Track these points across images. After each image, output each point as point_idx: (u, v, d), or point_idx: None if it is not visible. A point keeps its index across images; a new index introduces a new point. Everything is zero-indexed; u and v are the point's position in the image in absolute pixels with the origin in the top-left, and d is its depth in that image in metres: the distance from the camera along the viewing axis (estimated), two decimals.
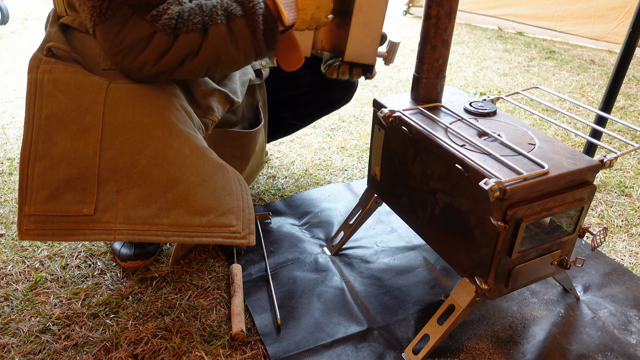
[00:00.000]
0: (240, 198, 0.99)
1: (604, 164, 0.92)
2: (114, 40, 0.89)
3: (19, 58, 2.95)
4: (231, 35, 0.93)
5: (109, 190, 0.91)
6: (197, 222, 0.93)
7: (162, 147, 0.93)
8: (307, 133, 2.09)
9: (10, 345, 1.08)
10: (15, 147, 1.89)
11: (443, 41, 1.02)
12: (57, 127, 0.91)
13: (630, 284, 1.28)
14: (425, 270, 1.31)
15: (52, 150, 0.90)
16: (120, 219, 0.90)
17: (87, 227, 0.90)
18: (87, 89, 0.93)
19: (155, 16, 0.88)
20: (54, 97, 0.92)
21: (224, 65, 0.97)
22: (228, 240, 0.95)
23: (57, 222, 0.89)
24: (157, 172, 0.92)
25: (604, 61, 3.15)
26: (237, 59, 0.97)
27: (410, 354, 1.06)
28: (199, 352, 1.07)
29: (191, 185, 0.93)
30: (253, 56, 0.97)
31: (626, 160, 1.90)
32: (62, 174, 0.90)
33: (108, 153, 0.91)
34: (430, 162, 1.01)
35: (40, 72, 0.93)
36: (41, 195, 0.89)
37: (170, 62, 0.92)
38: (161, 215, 0.91)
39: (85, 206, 0.90)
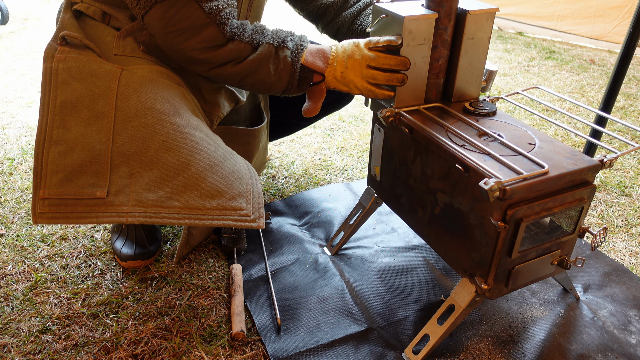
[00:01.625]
0: (250, 182, 1.02)
1: (604, 164, 0.92)
2: (170, 20, 0.94)
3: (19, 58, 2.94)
4: (275, 58, 1.03)
5: (121, 174, 0.93)
6: (207, 205, 0.95)
7: (173, 131, 0.96)
8: (307, 133, 2.09)
9: (10, 345, 1.08)
10: (16, 147, 1.89)
11: (443, 41, 1.02)
12: (71, 113, 0.94)
13: (630, 284, 1.28)
14: (425, 270, 1.31)
15: (66, 136, 0.93)
16: (132, 201, 0.93)
17: (99, 209, 0.92)
18: (100, 76, 0.97)
19: (213, 9, 0.95)
20: (68, 85, 0.95)
21: (257, 82, 1.05)
22: (238, 223, 0.97)
23: (71, 205, 0.92)
24: (169, 156, 0.95)
25: (604, 61, 3.15)
26: (270, 80, 1.04)
27: (410, 354, 1.06)
28: (199, 352, 1.07)
29: (202, 169, 0.96)
30: (285, 84, 1.06)
31: (626, 160, 1.90)
32: (75, 159, 0.92)
33: (120, 138, 0.94)
34: (430, 162, 1.01)
35: (55, 61, 0.97)
36: (55, 179, 0.91)
37: (215, 59, 1.00)
38: (172, 198, 0.94)
39: (98, 189, 0.92)
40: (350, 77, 1.03)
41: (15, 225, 1.46)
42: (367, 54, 1.01)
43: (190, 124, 1.00)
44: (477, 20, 1.01)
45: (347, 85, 1.05)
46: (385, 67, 1.00)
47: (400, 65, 1.00)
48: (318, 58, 1.05)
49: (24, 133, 2.02)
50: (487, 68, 1.13)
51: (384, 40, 1.00)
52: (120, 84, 0.97)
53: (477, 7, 1.01)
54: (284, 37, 1.04)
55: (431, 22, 0.98)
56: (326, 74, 1.06)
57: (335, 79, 1.06)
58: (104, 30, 1.04)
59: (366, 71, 1.02)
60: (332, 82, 1.07)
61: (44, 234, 1.42)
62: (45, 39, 3.35)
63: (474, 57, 1.06)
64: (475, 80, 1.10)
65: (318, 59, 1.05)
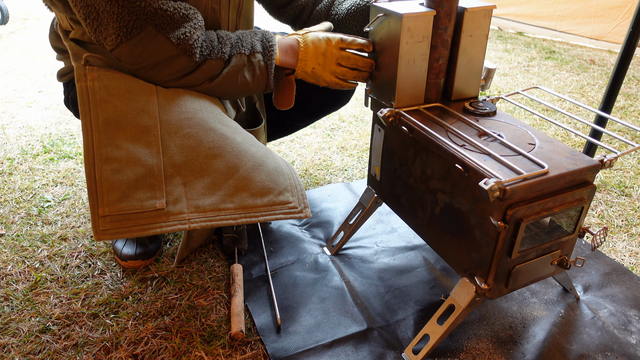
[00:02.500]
0: (292, 177, 1.08)
1: (604, 164, 0.92)
2: (139, 57, 0.97)
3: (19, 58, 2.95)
4: (249, 65, 1.05)
5: (176, 184, 0.98)
6: (259, 203, 1.02)
7: (217, 138, 1.01)
8: (307, 133, 2.09)
9: (10, 345, 1.08)
10: (16, 147, 1.90)
11: (443, 41, 1.02)
12: (116, 130, 0.96)
13: (630, 284, 1.28)
14: (425, 270, 1.31)
15: (115, 153, 0.96)
16: (190, 209, 0.97)
17: (161, 220, 0.96)
18: (138, 92, 0.99)
19: (181, 39, 0.96)
20: (108, 103, 0.97)
21: (237, 92, 1.08)
22: (289, 215, 1.04)
23: (133, 219, 0.95)
24: (217, 162, 1.00)
25: (604, 61, 3.15)
26: (250, 87, 1.07)
27: (410, 354, 1.06)
28: (199, 352, 1.07)
29: (249, 170, 1.02)
30: (263, 87, 1.09)
31: (626, 160, 1.90)
32: (130, 174, 0.95)
33: (169, 150, 0.98)
34: (430, 162, 1.01)
35: (90, 80, 0.97)
36: (113, 196, 0.94)
37: (191, 82, 1.02)
38: (227, 201, 0.99)
39: (157, 201, 0.96)
40: (320, 73, 1.09)
41: (15, 225, 1.46)
42: (340, 53, 1.08)
43: (231, 129, 1.05)
44: (475, 18, 1.02)
45: (315, 79, 1.11)
46: (354, 67, 1.09)
47: (367, 67, 1.09)
48: (289, 56, 1.08)
49: (24, 133, 2.02)
50: (486, 66, 1.13)
51: (358, 43, 1.08)
52: (159, 97, 1.00)
53: (475, 5, 1.01)
54: (251, 41, 1.06)
55: (429, 19, 0.98)
56: (296, 68, 1.10)
57: (305, 73, 1.11)
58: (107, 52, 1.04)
59: (337, 68, 1.09)
60: (300, 75, 1.12)
61: (44, 234, 1.42)
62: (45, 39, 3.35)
63: (473, 55, 1.06)
64: (474, 78, 1.10)
65: (289, 56, 1.08)
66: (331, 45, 1.07)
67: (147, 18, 0.92)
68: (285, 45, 1.09)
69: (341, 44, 1.08)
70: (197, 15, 1.00)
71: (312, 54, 1.08)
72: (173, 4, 0.95)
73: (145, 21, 0.92)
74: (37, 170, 1.74)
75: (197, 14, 1.00)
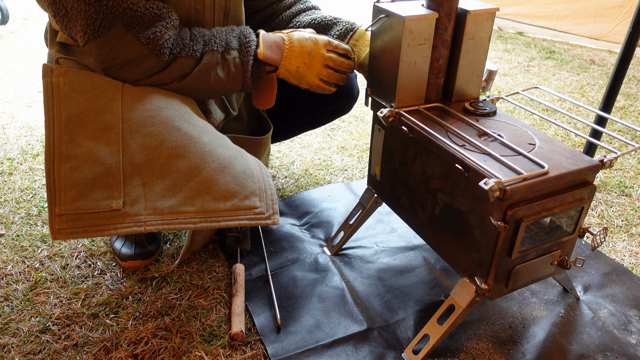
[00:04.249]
0: (262, 180, 1.03)
1: (604, 164, 0.92)
2: (107, 55, 0.94)
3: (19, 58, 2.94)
4: (223, 63, 1.02)
5: (135, 184, 0.95)
6: (222, 207, 0.97)
7: (181, 137, 0.97)
8: (307, 133, 2.09)
9: (10, 345, 1.08)
10: (16, 147, 1.89)
11: (443, 41, 1.02)
12: (78, 128, 0.94)
13: (630, 284, 1.28)
14: (425, 270, 1.31)
15: (75, 151, 0.93)
16: (148, 210, 0.94)
17: (117, 221, 0.93)
18: (103, 88, 0.97)
19: (151, 39, 0.94)
20: (71, 99, 0.95)
21: (212, 89, 1.04)
22: (253, 221, 0.99)
23: (88, 219, 0.93)
24: (179, 162, 0.96)
25: (604, 61, 3.15)
26: (224, 85, 1.04)
27: (410, 354, 1.06)
28: (199, 352, 1.07)
29: (213, 172, 0.97)
30: (239, 86, 1.06)
31: (626, 160, 1.90)
32: (88, 173, 0.93)
33: (130, 148, 0.95)
34: (430, 162, 1.01)
35: (55, 76, 0.96)
36: (70, 194, 0.92)
37: (161, 80, 0.99)
38: (187, 204, 0.95)
39: (113, 201, 0.93)
40: (304, 73, 1.08)
41: (15, 225, 1.46)
42: (327, 54, 1.08)
43: (197, 128, 1.01)
44: (478, 20, 1.01)
45: (299, 79, 1.09)
46: (340, 69, 1.10)
47: (349, 69, 1.12)
48: (274, 51, 1.06)
49: (24, 133, 2.01)
50: (487, 68, 1.13)
51: (343, 47, 1.10)
52: (124, 94, 0.97)
53: (478, 7, 1.01)
54: (226, 38, 1.03)
55: (432, 22, 0.98)
56: (280, 66, 1.06)
57: (288, 72, 1.08)
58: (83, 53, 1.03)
59: (323, 70, 1.08)
60: (283, 74, 1.09)
61: (44, 234, 1.42)
62: None
63: (474, 57, 1.06)
64: (475, 80, 1.10)
65: (274, 52, 1.06)
66: (318, 46, 1.07)
67: (116, 17, 0.91)
68: (270, 40, 1.06)
69: (328, 46, 1.08)
70: (170, 14, 0.98)
71: (298, 53, 1.06)
72: (145, 4, 0.93)
73: (114, 20, 0.90)
74: (37, 170, 1.74)
75: (171, 12, 0.98)
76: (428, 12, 0.97)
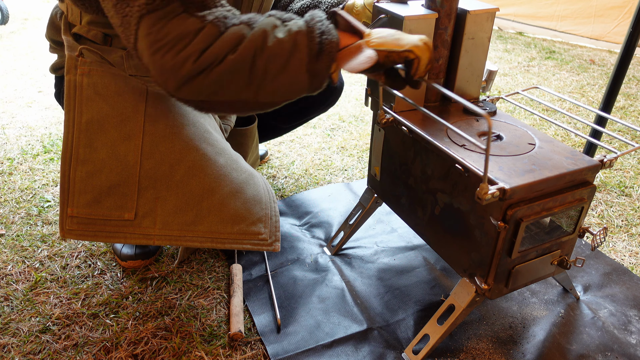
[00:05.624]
0: (269, 206, 1.05)
1: (604, 164, 0.92)
2: (159, 33, 0.79)
3: (19, 58, 2.94)
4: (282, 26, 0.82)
5: (149, 197, 0.95)
6: (229, 230, 0.99)
7: (199, 158, 0.98)
8: (307, 133, 2.09)
9: (10, 345, 1.08)
10: (16, 147, 1.89)
11: (443, 41, 1.02)
12: (98, 132, 0.94)
13: (630, 284, 1.28)
14: (425, 270, 1.31)
15: (93, 156, 0.94)
16: (159, 224, 0.96)
17: (127, 230, 0.95)
18: (127, 96, 0.96)
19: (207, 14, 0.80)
20: (94, 102, 0.95)
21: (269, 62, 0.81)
22: (256, 247, 1.01)
23: (99, 225, 0.94)
24: (194, 182, 0.97)
25: (604, 61, 3.15)
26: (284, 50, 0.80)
27: (410, 354, 1.06)
28: (199, 352, 1.07)
29: (225, 196, 0.99)
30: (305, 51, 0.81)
31: (626, 160, 1.90)
32: (104, 180, 0.94)
33: (148, 162, 0.95)
34: (430, 162, 1.01)
35: (79, 75, 0.95)
36: (84, 199, 0.93)
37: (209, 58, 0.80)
38: (197, 223, 0.97)
39: (126, 212, 0.95)
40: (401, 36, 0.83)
41: (15, 225, 1.46)
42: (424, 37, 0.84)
43: (215, 149, 1.02)
44: (478, 20, 1.01)
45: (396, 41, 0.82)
46: None
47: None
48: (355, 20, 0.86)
49: (24, 133, 2.01)
50: (487, 68, 1.13)
51: None
52: (148, 105, 0.97)
53: (477, 7, 1.01)
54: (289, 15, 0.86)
55: (431, 22, 0.98)
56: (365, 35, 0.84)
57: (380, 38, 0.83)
58: (110, 51, 0.97)
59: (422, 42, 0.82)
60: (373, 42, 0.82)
61: (44, 234, 1.42)
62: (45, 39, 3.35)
63: (474, 57, 1.06)
64: (475, 80, 1.10)
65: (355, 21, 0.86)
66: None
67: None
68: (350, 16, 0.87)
69: None
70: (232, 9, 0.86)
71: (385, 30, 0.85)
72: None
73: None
74: (37, 170, 1.74)
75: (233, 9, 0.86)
76: (428, 12, 0.97)
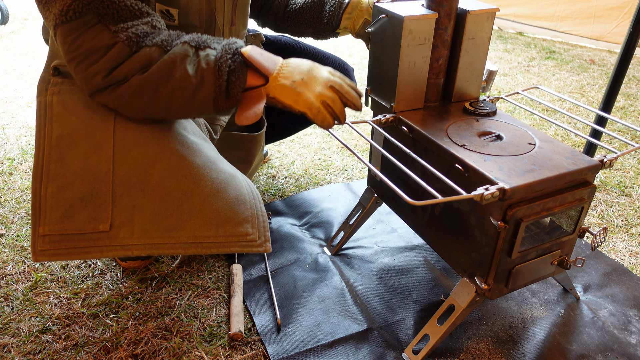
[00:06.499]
0: (254, 206, 0.99)
1: (604, 164, 0.92)
2: (72, 44, 0.84)
3: (19, 58, 2.94)
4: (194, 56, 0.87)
5: (124, 205, 0.90)
6: (214, 233, 0.93)
7: (175, 159, 0.92)
8: (307, 133, 2.09)
9: (10, 345, 1.08)
10: (16, 147, 1.89)
11: (443, 41, 1.02)
12: (69, 146, 0.91)
13: (630, 284, 1.28)
14: (425, 270, 1.31)
15: (64, 170, 0.90)
16: (137, 233, 0.90)
17: (103, 243, 0.89)
18: (96, 108, 0.92)
19: (121, 28, 0.84)
20: (64, 118, 0.92)
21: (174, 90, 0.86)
22: (245, 249, 0.95)
23: (73, 241, 0.89)
24: (171, 185, 0.91)
25: (604, 61, 3.15)
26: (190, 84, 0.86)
27: (410, 354, 1.06)
28: (199, 352, 1.07)
29: (206, 197, 0.93)
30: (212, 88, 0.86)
31: (626, 160, 1.90)
32: (75, 192, 0.89)
33: (121, 169, 0.91)
34: (431, 162, 1.01)
35: (49, 95, 0.93)
36: (55, 215, 0.88)
37: (119, 75, 0.85)
38: (178, 228, 0.91)
39: (100, 223, 0.89)
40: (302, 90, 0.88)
41: (15, 225, 1.46)
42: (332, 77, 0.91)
43: (192, 150, 0.95)
44: (478, 20, 1.02)
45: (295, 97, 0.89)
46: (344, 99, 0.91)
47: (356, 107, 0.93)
48: (265, 58, 0.90)
49: (24, 133, 2.01)
50: (487, 68, 1.13)
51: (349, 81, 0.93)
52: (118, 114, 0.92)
53: (477, 7, 1.01)
54: (207, 39, 0.90)
55: (431, 22, 0.98)
56: (271, 77, 0.89)
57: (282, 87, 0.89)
58: None
59: (327, 91, 0.89)
60: (275, 89, 0.89)
61: None
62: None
63: (474, 57, 1.06)
64: (475, 80, 1.10)
65: (265, 58, 0.90)
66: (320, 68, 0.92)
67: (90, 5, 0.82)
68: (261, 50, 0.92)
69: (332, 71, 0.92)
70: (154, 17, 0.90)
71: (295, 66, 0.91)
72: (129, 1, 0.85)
73: (88, 8, 0.82)
74: None
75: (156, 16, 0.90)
76: (428, 12, 0.97)
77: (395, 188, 0.81)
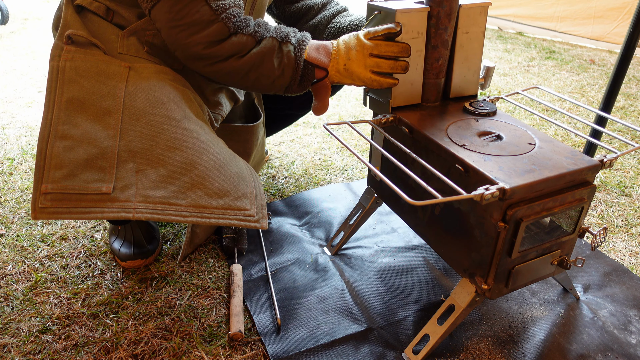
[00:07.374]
0: (253, 185, 1.03)
1: (604, 164, 0.92)
2: (178, 13, 0.95)
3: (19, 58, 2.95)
4: (279, 52, 1.02)
5: (128, 170, 0.93)
6: (214, 204, 0.96)
7: (181, 131, 0.97)
8: (307, 133, 2.09)
9: (10, 345, 1.08)
10: (16, 147, 1.89)
11: (443, 41, 1.02)
12: (78, 110, 0.94)
13: (630, 284, 1.28)
14: (425, 270, 1.31)
15: (72, 132, 0.93)
16: (138, 197, 0.92)
17: (104, 205, 0.91)
18: (108, 75, 0.97)
19: (220, 7, 0.96)
20: (75, 83, 0.95)
21: (260, 77, 1.03)
22: (243, 222, 0.98)
23: (75, 200, 0.90)
24: (176, 154, 0.96)
25: (604, 61, 3.15)
26: (273, 75, 1.03)
27: (410, 354, 1.06)
28: (199, 352, 1.07)
29: (208, 169, 0.97)
30: (288, 80, 1.04)
31: (626, 160, 1.90)
32: (81, 153, 0.92)
33: (128, 135, 0.95)
34: (431, 162, 1.01)
35: (63, 60, 0.96)
36: (59, 173, 0.90)
37: (218, 53, 0.99)
38: (179, 196, 0.94)
39: (104, 184, 0.91)
40: (353, 69, 1.01)
41: (15, 225, 1.46)
42: (368, 43, 1.00)
43: (197, 125, 1.01)
44: (470, 14, 1.02)
45: (350, 77, 1.03)
46: (388, 54, 1.00)
47: (402, 52, 1.00)
48: (320, 53, 1.04)
49: (24, 133, 2.02)
50: (485, 65, 1.13)
51: (383, 28, 1.00)
52: (129, 83, 0.98)
53: (470, 1, 1.02)
54: (287, 32, 1.03)
55: (423, 15, 0.98)
56: (329, 68, 1.04)
57: (339, 73, 1.04)
58: (107, 28, 1.03)
59: (369, 60, 1.00)
60: (335, 76, 1.05)
61: (44, 234, 1.42)
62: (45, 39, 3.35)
63: (470, 52, 1.06)
64: (472, 76, 1.10)
65: (320, 54, 1.03)
66: (359, 38, 1.01)
67: None
68: (317, 44, 1.05)
69: (369, 35, 1.02)
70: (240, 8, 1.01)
71: (344, 51, 1.02)
72: None
73: None
74: None
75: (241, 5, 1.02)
76: (419, 6, 0.98)
77: (395, 188, 0.81)
